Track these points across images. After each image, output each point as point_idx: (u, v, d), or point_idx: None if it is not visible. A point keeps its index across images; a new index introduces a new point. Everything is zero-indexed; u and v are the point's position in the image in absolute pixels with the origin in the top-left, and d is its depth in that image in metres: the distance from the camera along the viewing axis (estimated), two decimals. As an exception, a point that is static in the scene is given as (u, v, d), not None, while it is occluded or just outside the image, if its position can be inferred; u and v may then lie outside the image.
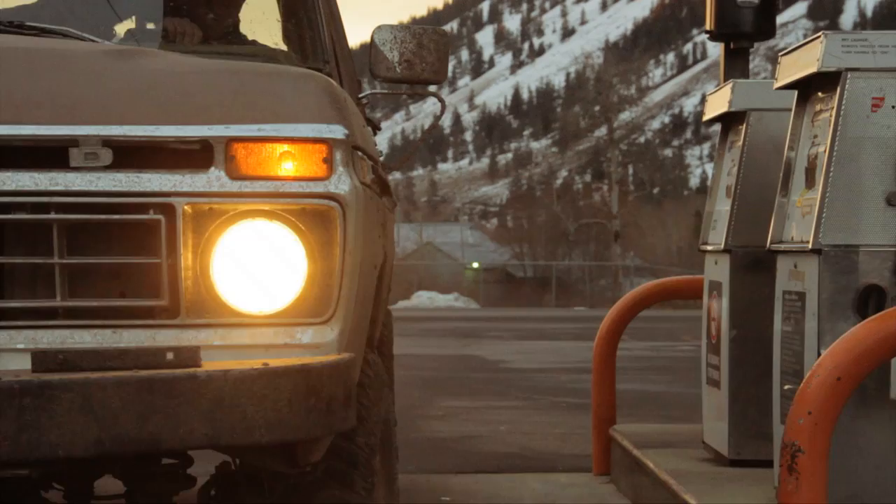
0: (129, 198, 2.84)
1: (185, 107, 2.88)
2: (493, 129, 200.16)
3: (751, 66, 6.38)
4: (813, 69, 4.12)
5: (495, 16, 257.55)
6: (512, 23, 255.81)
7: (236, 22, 4.14)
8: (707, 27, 6.18)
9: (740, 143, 5.30)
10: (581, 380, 11.77)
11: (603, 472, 6.45)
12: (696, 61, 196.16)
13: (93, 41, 3.52)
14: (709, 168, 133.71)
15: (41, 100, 2.84)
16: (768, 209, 4.58)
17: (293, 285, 2.90)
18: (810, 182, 4.29)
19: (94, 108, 2.85)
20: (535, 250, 54.47)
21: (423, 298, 35.97)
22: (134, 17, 4.04)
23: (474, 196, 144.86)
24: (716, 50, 7.18)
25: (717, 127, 5.75)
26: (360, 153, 3.10)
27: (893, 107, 4.03)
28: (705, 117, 5.68)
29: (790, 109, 4.54)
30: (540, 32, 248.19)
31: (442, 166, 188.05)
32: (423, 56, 4.02)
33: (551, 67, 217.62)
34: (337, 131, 2.92)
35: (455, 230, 63.93)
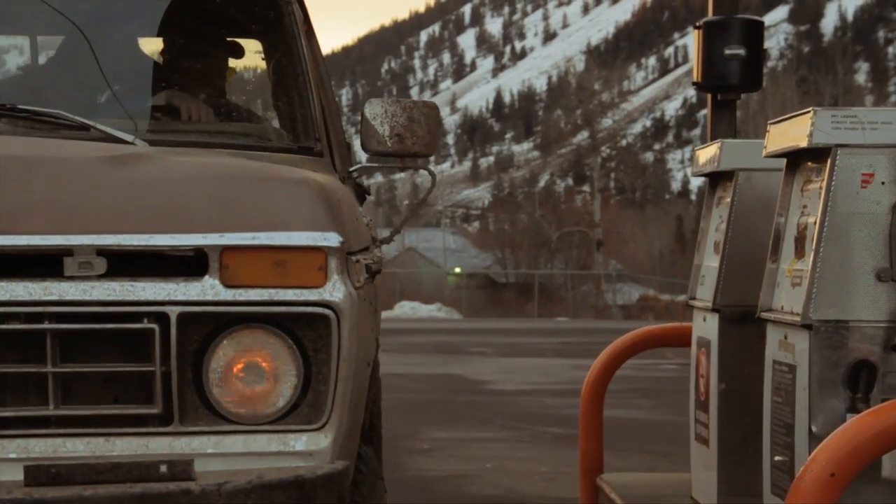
0: (123, 307, 2.83)
1: (179, 215, 2.86)
2: (474, 132, 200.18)
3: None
4: (803, 143, 4.11)
5: (477, 19, 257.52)
6: (494, 26, 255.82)
7: (228, 98, 4.12)
8: (694, 78, 6.20)
9: (728, 199, 5.29)
10: (565, 404, 11.78)
11: (590, 522, 6.43)
12: (677, 65, 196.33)
13: (84, 123, 3.51)
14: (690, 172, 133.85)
15: (35, 209, 2.83)
16: (757, 267, 4.58)
17: (287, 392, 2.89)
18: (800, 252, 4.29)
19: (88, 217, 2.83)
20: (518, 256, 54.46)
21: (406, 308, 35.98)
22: (125, 93, 4.01)
23: (456, 199, 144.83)
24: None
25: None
26: (354, 257, 3.09)
27: (883, 182, 4.03)
28: (693, 172, 5.68)
29: (779, 170, 4.54)
30: (522, 36, 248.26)
31: (423, 170, 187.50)
32: (414, 129, 4.01)
33: (533, 71, 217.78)
34: (332, 239, 2.91)
35: (438, 236, 63.83)
